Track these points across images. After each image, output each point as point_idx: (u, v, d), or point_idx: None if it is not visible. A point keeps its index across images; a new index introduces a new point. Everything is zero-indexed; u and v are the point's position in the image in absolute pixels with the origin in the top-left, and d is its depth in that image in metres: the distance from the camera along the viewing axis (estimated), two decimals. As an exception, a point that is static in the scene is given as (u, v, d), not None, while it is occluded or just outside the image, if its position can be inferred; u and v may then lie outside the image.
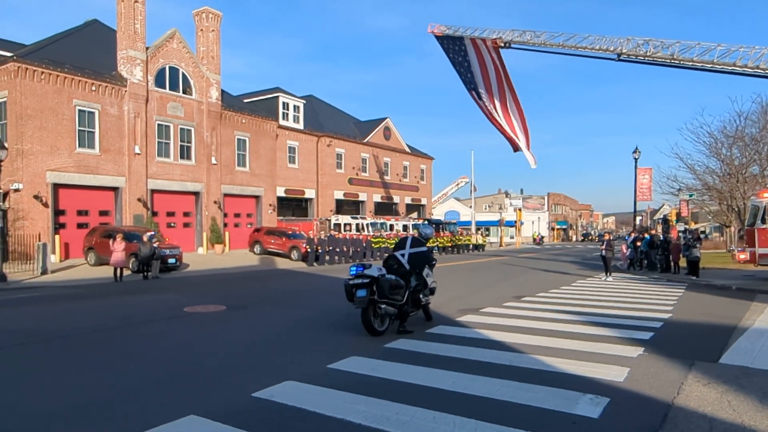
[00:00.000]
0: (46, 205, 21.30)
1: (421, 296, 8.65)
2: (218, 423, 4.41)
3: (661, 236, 22.12)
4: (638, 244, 22.17)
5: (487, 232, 67.71)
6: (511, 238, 67.48)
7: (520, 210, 65.07)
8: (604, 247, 18.69)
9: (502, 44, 22.06)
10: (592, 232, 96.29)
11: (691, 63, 17.34)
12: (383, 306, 7.72)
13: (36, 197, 20.91)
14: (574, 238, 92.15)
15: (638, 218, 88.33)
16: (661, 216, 60.02)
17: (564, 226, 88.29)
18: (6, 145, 17.49)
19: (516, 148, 23.42)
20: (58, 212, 22.17)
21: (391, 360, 6.45)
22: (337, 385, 5.41)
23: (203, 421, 4.45)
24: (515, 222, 62.23)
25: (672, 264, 20.37)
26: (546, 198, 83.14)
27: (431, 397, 5.08)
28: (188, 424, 4.41)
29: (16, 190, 20.59)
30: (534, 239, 66.89)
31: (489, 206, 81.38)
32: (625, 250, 23.09)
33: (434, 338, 7.81)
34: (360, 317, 8.09)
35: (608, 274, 18.24)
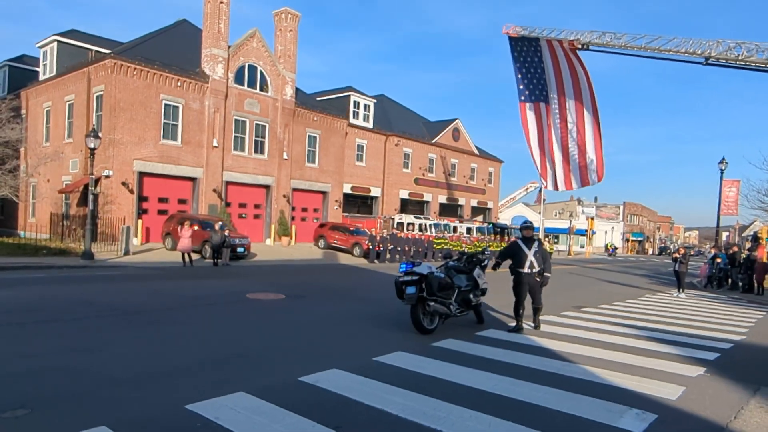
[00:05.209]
0: (131, 191, 23.00)
1: (471, 296, 8.65)
2: (264, 401, 4.70)
3: (747, 254, 20.57)
4: (718, 260, 20.76)
5: (555, 240, 65.64)
6: (582, 247, 64.94)
7: (592, 219, 62.46)
8: (677, 259, 17.65)
9: (580, 46, 21.25)
10: (671, 246, 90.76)
11: (789, 68, 16.01)
12: (432, 304, 7.80)
13: (123, 184, 22.63)
14: (650, 251, 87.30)
15: (725, 234, 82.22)
16: (751, 233, 55.61)
17: (640, 238, 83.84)
18: (100, 135, 19.06)
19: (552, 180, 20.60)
20: (141, 198, 23.87)
21: (437, 358, 6.53)
22: (380, 377, 5.57)
23: (250, 398, 4.76)
24: (586, 231, 59.86)
25: (756, 285, 18.92)
26: (621, 207, 79.33)
27: (471, 397, 5.13)
28: (237, 399, 4.73)
29: (107, 177, 22.38)
30: (606, 250, 64.05)
31: (559, 213, 78.76)
32: (705, 269, 21.69)
33: (483, 341, 7.79)
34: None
35: (681, 290, 17.24)
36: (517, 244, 8.89)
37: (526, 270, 8.64)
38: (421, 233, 31.09)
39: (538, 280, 8.70)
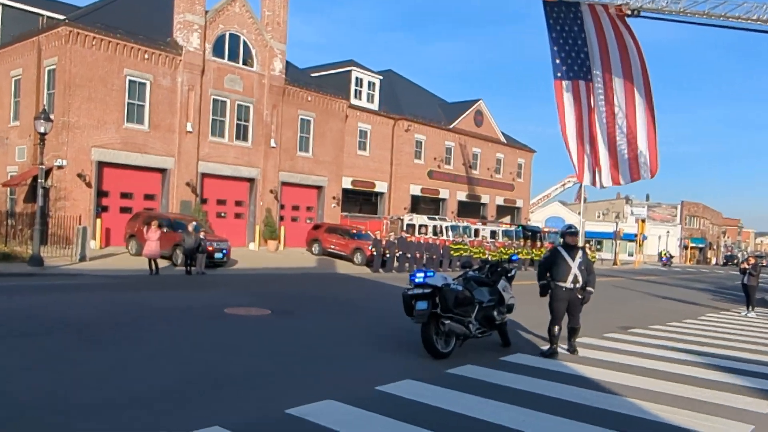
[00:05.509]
0: (89, 185, 23.14)
1: (495, 313, 8.64)
2: (243, 437, 4.71)
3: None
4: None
5: (598, 246, 65.47)
6: (630, 255, 64.70)
7: (643, 221, 62.25)
8: (747, 271, 17.54)
9: (630, 11, 21.19)
10: (739, 255, 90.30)
11: None
12: (447, 322, 7.80)
13: (79, 176, 22.77)
14: (713, 261, 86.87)
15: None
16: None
17: (701, 245, 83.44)
18: (52, 117, 19.19)
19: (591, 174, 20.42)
20: (101, 193, 24.04)
21: (452, 388, 6.52)
22: (384, 410, 5.57)
23: (227, 434, 4.77)
24: (636, 236, 59.64)
25: (842, 302, 18.78)
26: (679, 208, 78.99)
27: (492, 434, 5.12)
28: (211, 435, 4.75)
29: (60, 167, 22.53)
30: (660, 258, 63.83)
31: (603, 214, 78.56)
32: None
33: (509, 367, 7.79)
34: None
35: (750, 308, 17.14)
36: (558, 252, 8.90)
37: (568, 284, 8.64)
38: (435, 237, 31.09)
39: (580, 296, 8.70)
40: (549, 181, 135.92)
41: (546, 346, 9.02)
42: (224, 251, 20.89)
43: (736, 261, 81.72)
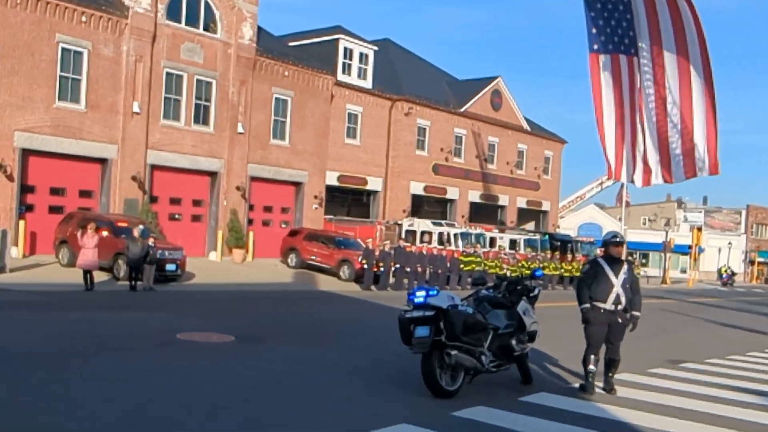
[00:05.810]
0: (10, 177, 23.04)
1: (513, 342, 8.62)
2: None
3: None
4: None
5: (643, 260, 65.64)
6: (683, 272, 64.95)
7: (699, 229, 62.43)
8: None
9: (683, -28, 21.30)
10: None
11: None
12: (454, 353, 7.76)
13: (-1, 166, 22.71)
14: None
15: None
16: None
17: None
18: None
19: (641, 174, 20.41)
20: (25, 189, 23.97)
21: (458, 435, 6.51)
22: (373, 463, 5.55)
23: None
24: (690, 247, 59.83)
25: None
26: (743, 213, 79.23)
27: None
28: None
29: (-26, 156, 22.44)
30: (720, 276, 64.07)
31: (650, 220, 78.82)
32: None
33: (530, 409, 7.75)
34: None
35: (830, 338, 17.20)
36: (599, 265, 8.93)
37: (608, 305, 8.62)
38: (441, 247, 31.08)
39: (620, 321, 8.68)
40: (583, 179, 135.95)
41: (579, 383, 9.00)
42: (178, 262, 20.84)
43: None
